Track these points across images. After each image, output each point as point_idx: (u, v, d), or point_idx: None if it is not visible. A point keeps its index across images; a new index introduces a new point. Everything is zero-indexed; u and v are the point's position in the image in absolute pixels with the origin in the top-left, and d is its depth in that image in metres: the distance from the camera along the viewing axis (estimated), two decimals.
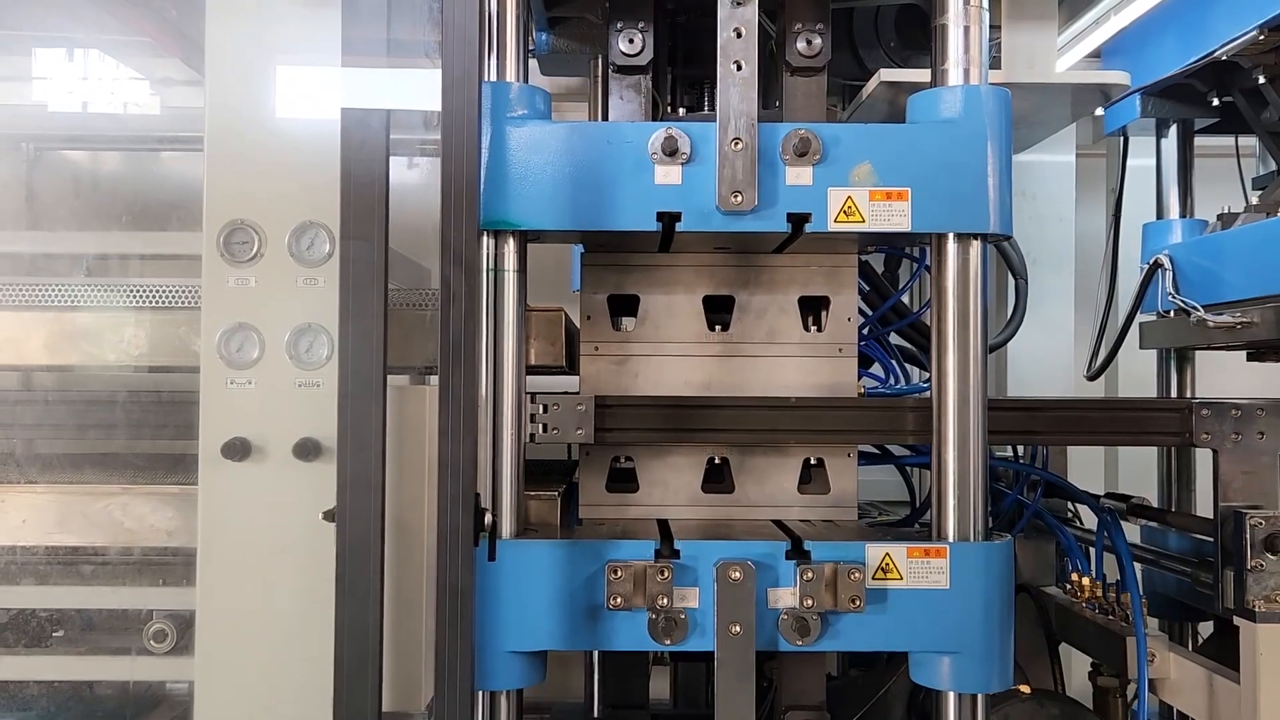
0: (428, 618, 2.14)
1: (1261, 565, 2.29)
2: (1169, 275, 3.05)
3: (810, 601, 2.05)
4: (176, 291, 2.35)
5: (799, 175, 2.09)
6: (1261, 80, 2.98)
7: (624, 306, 2.50)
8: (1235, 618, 2.34)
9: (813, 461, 2.47)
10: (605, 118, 3.42)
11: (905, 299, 2.98)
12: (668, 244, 2.32)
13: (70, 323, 2.37)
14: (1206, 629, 3.30)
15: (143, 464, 2.45)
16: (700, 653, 3.31)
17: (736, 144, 2.08)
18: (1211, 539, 2.46)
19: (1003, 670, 2.11)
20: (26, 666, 2.36)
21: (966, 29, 2.13)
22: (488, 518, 1.94)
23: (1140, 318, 3.32)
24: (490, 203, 2.05)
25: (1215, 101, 3.28)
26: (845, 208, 2.10)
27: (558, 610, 2.07)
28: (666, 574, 2.05)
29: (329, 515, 1.92)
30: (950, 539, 2.10)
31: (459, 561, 1.87)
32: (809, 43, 2.37)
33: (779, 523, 2.37)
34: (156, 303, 2.36)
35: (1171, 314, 3.09)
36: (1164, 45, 3.20)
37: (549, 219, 2.10)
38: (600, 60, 3.47)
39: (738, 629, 2.05)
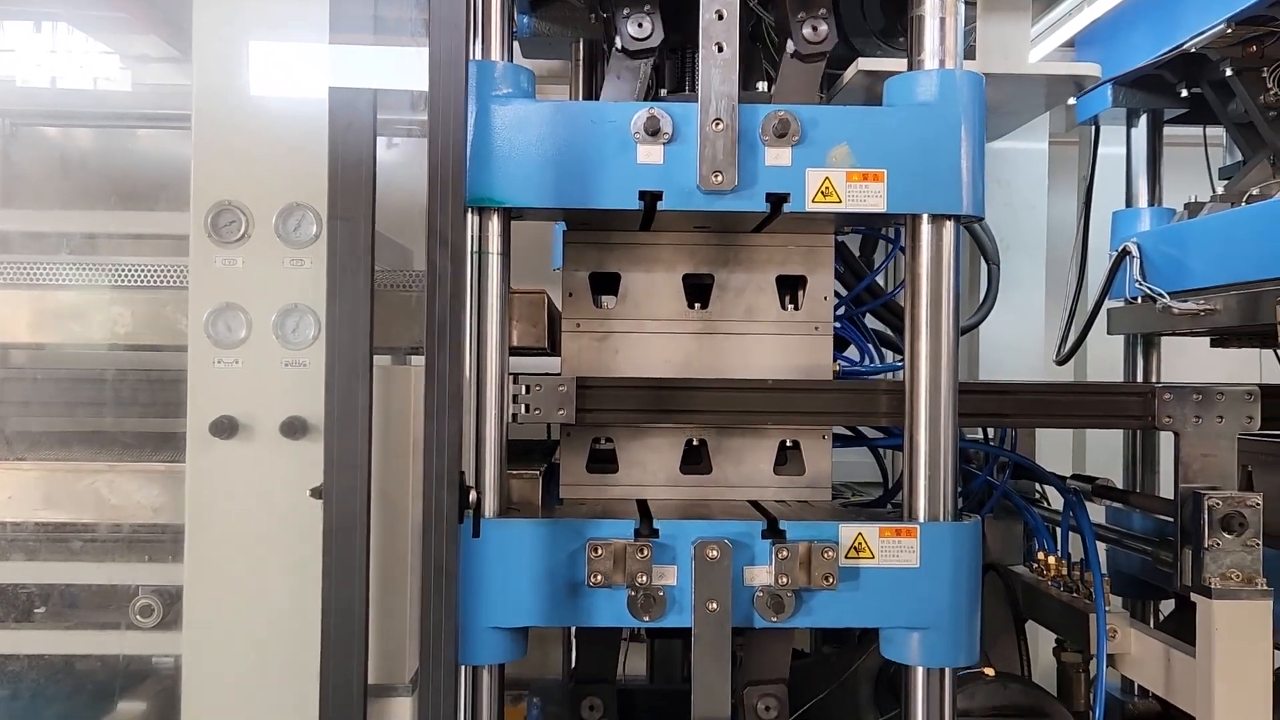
0: (412, 593, 2.18)
1: (1219, 544, 2.37)
2: (1136, 262, 3.12)
3: (785, 579, 2.10)
4: (163, 271, 2.37)
5: (778, 156, 2.14)
6: (1229, 72, 3.05)
7: (605, 284, 2.54)
8: (1193, 594, 2.42)
9: (788, 444, 2.53)
10: (587, 100, 3.46)
11: (880, 280, 3.02)
12: (649, 222, 2.36)
13: (55, 301, 2.38)
14: (1168, 607, 3.40)
15: (131, 441, 2.46)
16: (676, 630, 3.40)
17: (717, 124, 2.11)
18: (1172, 519, 2.54)
19: (969, 645, 2.17)
20: (15, 640, 2.38)
21: (942, 20, 2.17)
22: (472, 495, 1.99)
23: (1108, 304, 3.40)
24: (475, 180, 2.07)
25: (1184, 93, 3.36)
26: (823, 188, 2.14)
27: (540, 587, 2.12)
28: (646, 552, 2.10)
29: (316, 492, 1.96)
30: (921, 519, 2.16)
31: (444, 538, 1.91)
32: (815, 29, 2.38)
33: (755, 503, 2.43)
34: (141, 282, 2.37)
35: (1139, 300, 3.17)
36: (1135, 37, 3.27)
37: (533, 196, 2.13)
38: (582, 44, 3.50)
39: (714, 606, 2.10)
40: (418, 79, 1.91)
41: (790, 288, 2.54)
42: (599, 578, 2.11)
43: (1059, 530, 3.01)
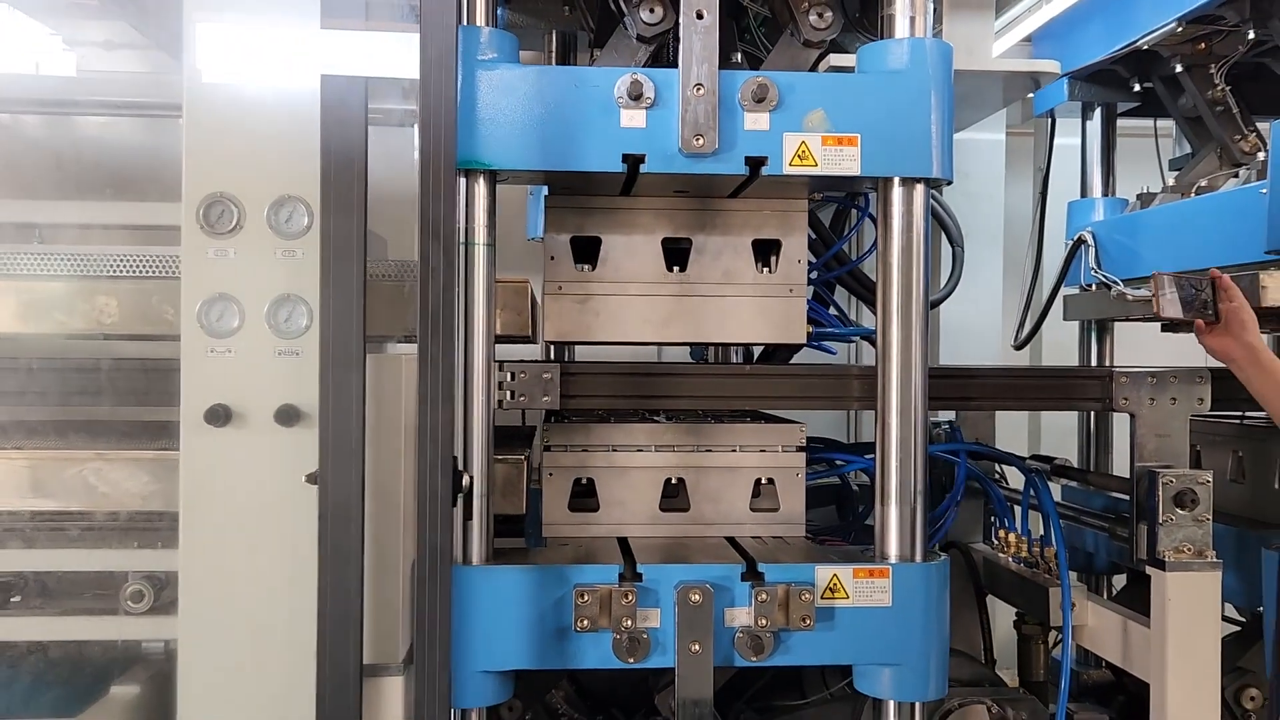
0: (405, 575, 2.23)
1: (1172, 519, 2.50)
2: (1091, 251, 3.24)
3: (764, 621, 2.18)
4: (152, 261, 2.39)
5: (756, 121, 2.20)
6: (1179, 69, 3.17)
7: (586, 250, 2.57)
8: (1148, 567, 2.54)
9: (764, 480, 2.60)
10: None
11: (847, 249, 3.10)
12: (630, 187, 2.41)
13: (41, 291, 2.40)
14: (1120, 583, 3.54)
15: (126, 430, 2.49)
16: None
17: (698, 90, 2.18)
18: (1128, 497, 2.66)
19: (939, 679, 2.26)
20: (10, 627, 2.40)
21: (912, 19, 2.25)
22: (465, 479, 2.05)
23: (1064, 291, 3.52)
24: (462, 144, 2.08)
25: (1137, 87, 3.47)
26: (799, 152, 2.21)
27: (528, 631, 2.18)
28: (630, 597, 2.17)
29: (312, 478, 2.01)
30: (892, 559, 2.24)
31: (438, 522, 1.97)
32: (820, 15, 2.42)
33: (733, 540, 2.50)
34: (130, 272, 2.39)
35: (1093, 288, 3.29)
36: (1090, 33, 3.38)
37: (519, 159, 2.17)
38: (555, 35, 3.55)
39: (697, 648, 2.17)
40: (408, 64, 1.95)
41: (765, 251, 2.60)
42: (585, 623, 2.17)
43: (1019, 509, 3.13)
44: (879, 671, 2.24)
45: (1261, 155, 2.91)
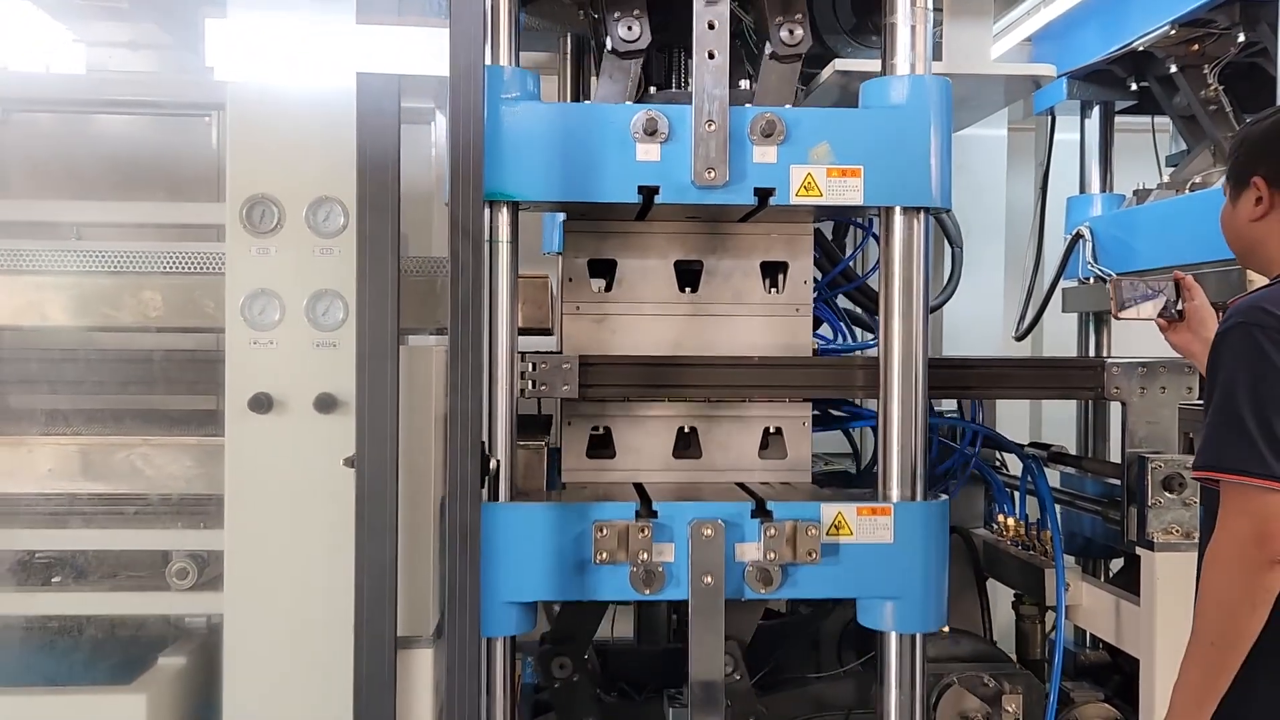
0: (435, 552, 2.37)
1: (1161, 502, 2.62)
2: (1089, 246, 3.36)
3: (773, 555, 2.30)
4: (196, 258, 2.53)
5: (765, 154, 2.33)
6: (1173, 69, 3.29)
7: (602, 270, 2.72)
8: (1138, 548, 2.67)
9: (771, 430, 2.73)
10: (575, 91, 3.63)
11: (851, 265, 3.23)
12: (645, 213, 2.55)
13: (89, 286, 2.53)
14: (1117, 567, 3.65)
15: (175, 417, 2.63)
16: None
17: (710, 125, 2.30)
18: (1120, 481, 2.78)
19: (938, 612, 2.38)
20: (59, 602, 2.54)
21: (913, 28, 2.37)
22: (492, 463, 2.19)
23: (1063, 284, 3.63)
24: (488, 176, 2.18)
25: (1133, 86, 3.60)
26: (805, 183, 2.33)
27: (549, 564, 2.30)
28: (646, 532, 2.29)
29: (349, 462, 2.15)
30: (894, 499, 2.36)
31: (468, 503, 2.10)
32: (791, 32, 2.57)
33: (742, 485, 2.63)
34: (176, 269, 2.53)
35: (1091, 281, 3.41)
36: (1088, 35, 3.50)
37: (541, 191, 2.30)
38: (570, 38, 3.67)
39: (709, 580, 2.29)
40: (440, 60, 2.05)
41: (773, 273, 2.75)
42: (604, 555, 2.29)
43: (1017, 494, 3.25)
44: (881, 605, 2.35)
45: None
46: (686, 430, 2.71)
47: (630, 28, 2.57)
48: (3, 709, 2.39)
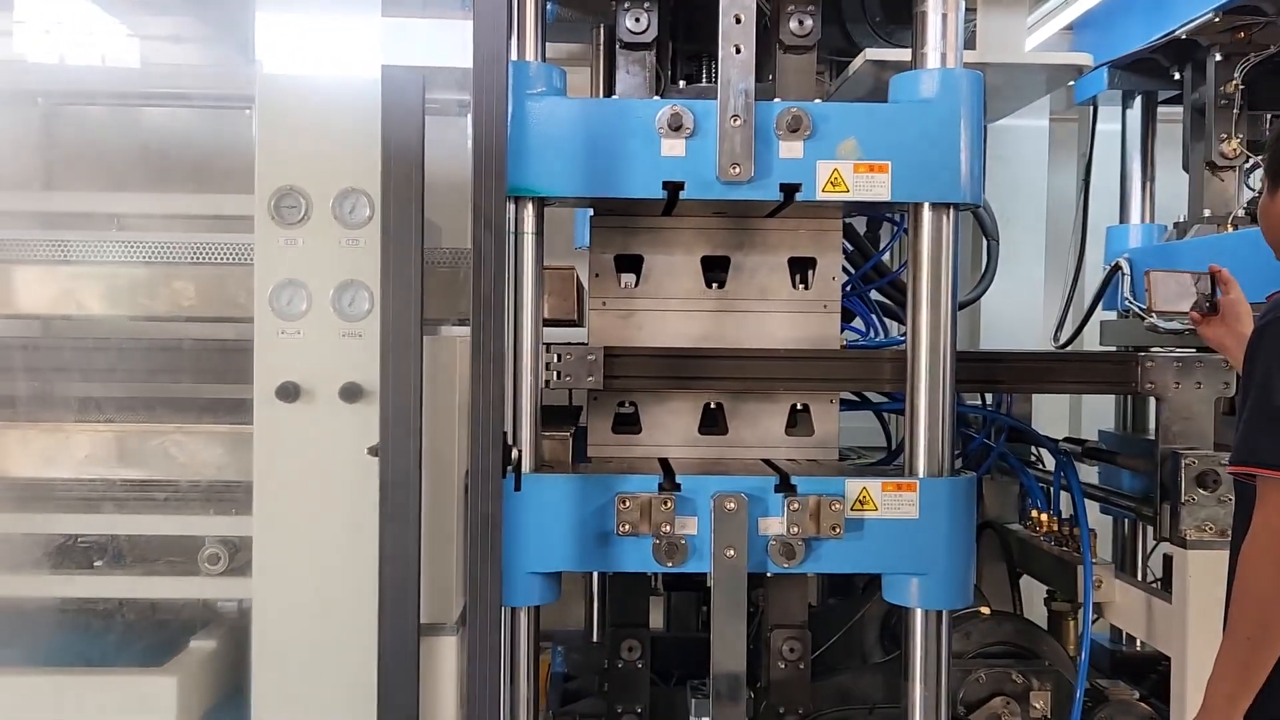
0: (458, 540, 2.39)
1: (1194, 499, 2.58)
2: (1126, 280, 3.27)
3: (796, 529, 2.30)
4: (226, 249, 2.57)
5: (791, 149, 2.31)
6: (1218, 57, 3.21)
7: (630, 265, 2.72)
8: (1170, 545, 2.63)
9: (799, 407, 2.72)
10: (606, 85, 3.63)
11: (885, 258, 3.20)
12: (671, 209, 2.55)
13: (124, 276, 2.59)
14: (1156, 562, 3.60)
15: (205, 405, 2.68)
16: (691, 585, 3.60)
17: (735, 121, 2.29)
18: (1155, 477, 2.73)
19: (964, 589, 2.36)
20: (96, 585, 2.61)
21: (944, 16, 2.33)
22: (514, 453, 2.20)
23: (1101, 315, 3.55)
24: (512, 172, 2.22)
25: (1176, 75, 3.51)
26: (832, 179, 2.31)
27: (573, 535, 2.31)
28: (669, 504, 2.29)
29: (373, 450, 2.18)
30: (920, 474, 2.34)
31: (490, 491, 2.12)
32: (801, 23, 2.56)
33: (768, 461, 2.63)
34: (206, 259, 2.58)
35: (1129, 315, 3.31)
36: (1130, 23, 3.42)
37: (566, 186, 2.30)
38: (601, 29, 3.66)
39: (732, 553, 2.29)
40: (465, 53, 2.04)
41: (801, 268, 2.73)
42: (627, 527, 2.30)
43: (1051, 490, 3.21)
44: (907, 581, 2.34)
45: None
46: (712, 407, 2.72)
47: (638, 19, 2.57)
48: (41, 688, 2.46)
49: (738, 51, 2.31)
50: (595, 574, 3.43)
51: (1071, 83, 3.70)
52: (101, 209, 2.72)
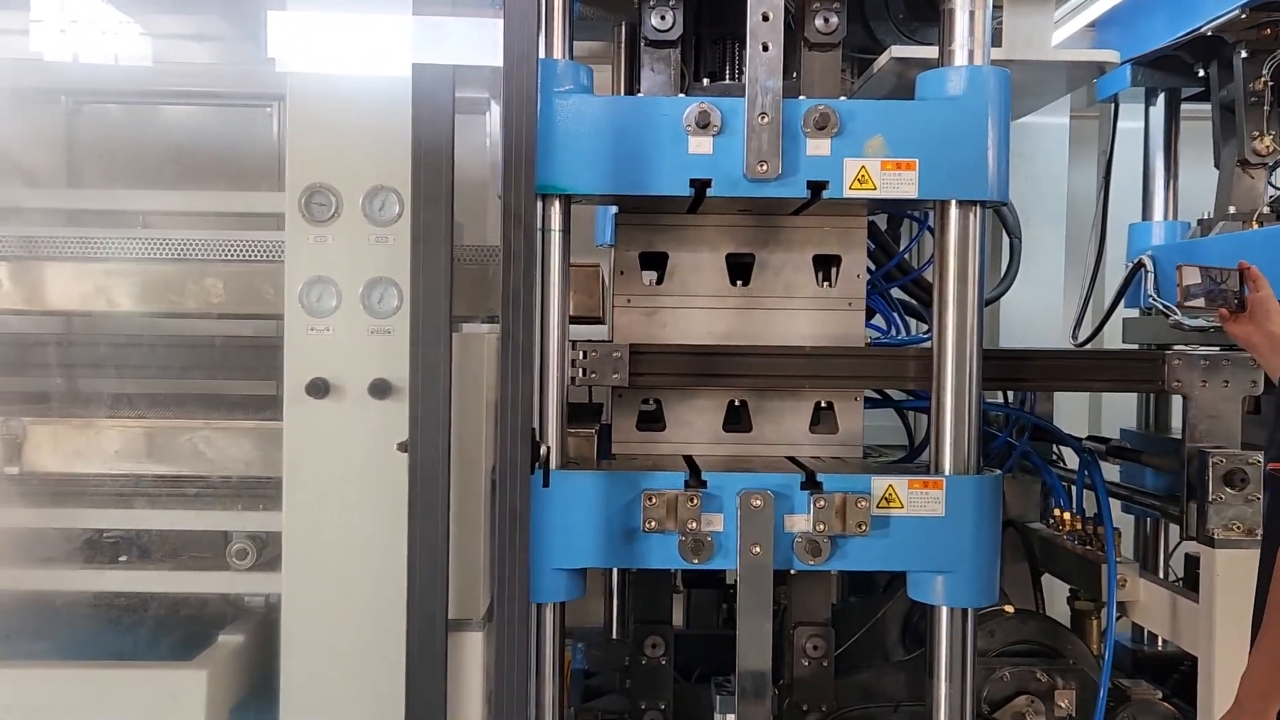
0: (485, 537, 2.40)
1: (1221, 498, 2.57)
2: (1150, 277, 3.25)
3: (822, 526, 2.30)
4: (256, 246, 2.59)
5: (818, 147, 2.31)
6: (1244, 54, 3.19)
7: (654, 263, 2.73)
8: (1197, 544, 2.62)
9: (823, 405, 2.73)
10: (629, 82, 3.64)
11: (907, 257, 3.20)
12: (697, 206, 2.55)
13: (154, 274, 2.61)
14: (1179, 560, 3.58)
15: (238, 403, 2.70)
16: (711, 582, 3.60)
17: (763, 118, 2.29)
18: (1181, 475, 2.73)
19: (989, 588, 2.37)
20: (125, 579, 2.63)
21: (972, 13, 2.33)
22: (542, 449, 2.21)
23: (1123, 312, 3.53)
24: (540, 169, 2.21)
25: (1200, 73, 3.48)
26: (859, 176, 2.32)
27: (599, 532, 2.32)
28: (695, 501, 2.30)
29: (402, 446, 2.19)
30: (946, 472, 2.35)
31: (518, 487, 2.13)
32: (826, 20, 2.56)
33: (793, 459, 2.64)
34: (236, 256, 2.59)
35: (1152, 313, 3.30)
36: (1154, 19, 3.41)
37: (593, 184, 2.31)
38: (624, 27, 3.67)
39: (758, 550, 2.30)
40: (495, 52, 2.05)
41: (825, 266, 2.73)
42: (653, 524, 2.30)
43: (1074, 488, 3.20)
44: (932, 579, 2.34)
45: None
46: (737, 404, 2.73)
47: (664, 17, 2.57)
48: (71, 681, 2.48)
49: (765, 49, 2.31)
50: (615, 571, 3.44)
51: (1094, 80, 3.69)
52: (131, 206, 2.74)
